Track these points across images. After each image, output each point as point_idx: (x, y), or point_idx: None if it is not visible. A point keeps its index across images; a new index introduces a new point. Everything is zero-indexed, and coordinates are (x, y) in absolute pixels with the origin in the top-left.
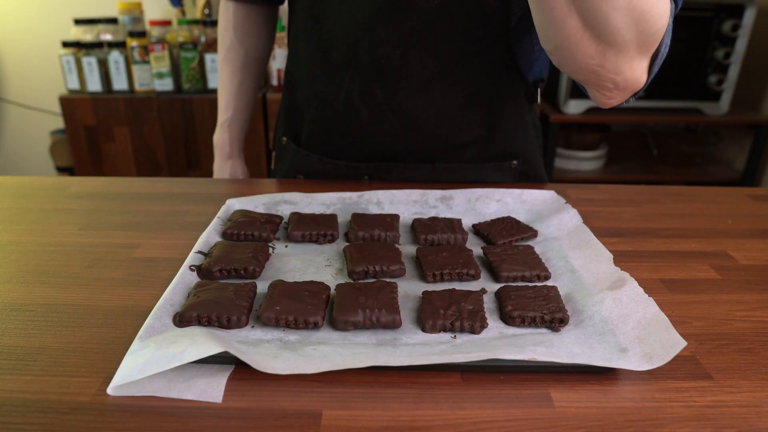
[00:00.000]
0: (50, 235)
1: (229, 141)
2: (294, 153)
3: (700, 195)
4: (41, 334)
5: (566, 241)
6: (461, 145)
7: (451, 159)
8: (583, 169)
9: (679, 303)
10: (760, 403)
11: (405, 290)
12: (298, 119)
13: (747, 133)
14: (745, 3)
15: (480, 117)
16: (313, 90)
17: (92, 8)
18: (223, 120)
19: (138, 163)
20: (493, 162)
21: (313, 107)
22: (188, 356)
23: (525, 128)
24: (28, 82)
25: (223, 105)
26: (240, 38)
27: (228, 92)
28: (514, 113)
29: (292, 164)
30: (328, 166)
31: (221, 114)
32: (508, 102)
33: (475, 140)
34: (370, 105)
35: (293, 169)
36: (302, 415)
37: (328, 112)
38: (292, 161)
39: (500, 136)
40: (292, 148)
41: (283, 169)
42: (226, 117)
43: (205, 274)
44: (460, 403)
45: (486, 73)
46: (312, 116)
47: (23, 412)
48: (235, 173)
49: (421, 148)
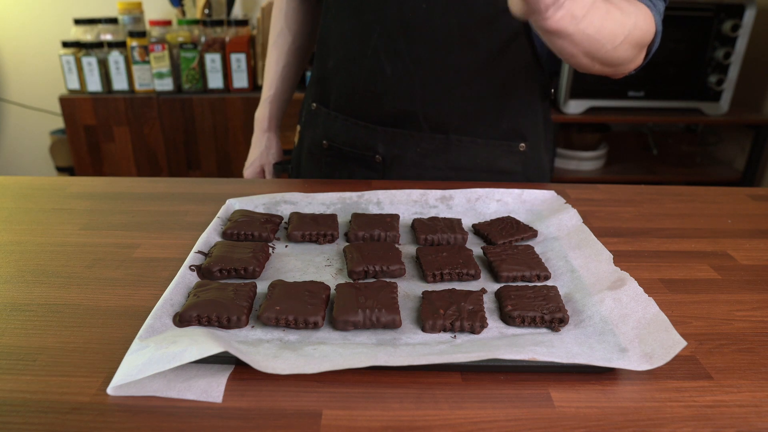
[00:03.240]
0: (50, 235)
1: (269, 116)
2: (324, 117)
3: (700, 195)
4: (41, 334)
5: (566, 241)
6: (474, 116)
7: (463, 132)
8: (583, 169)
9: (679, 303)
10: (760, 403)
11: (405, 290)
12: (328, 85)
13: (747, 133)
14: (745, 3)
15: (494, 87)
16: (344, 52)
17: (92, 8)
18: (265, 97)
19: (138, 163)
20: (502, 140)
21: (343, 69)
22: (188, 356)
23: (535, 115)
24: (28, 82)
25: (268, 83)
26: (289, 25)
27: (274, 72)
28: (526, 94)
29: (320, 130)
30: (351, 128)
31: (265, 91)
32: (522, 81)
33: (486, 113)
34: (394, 60)
35: (319, 136)
36: (302, 415)
37: (356, 70)
38: (320, 126)
39: (511, 113)
40: (323, 112)
41: (310, 137)
42: (268, 94)
43: (205, 274)
44: (460, 403)
45: (503, 42)
46: (341, 79)
47: (23, 412)
48: (270, 145)
49: (437, 112)
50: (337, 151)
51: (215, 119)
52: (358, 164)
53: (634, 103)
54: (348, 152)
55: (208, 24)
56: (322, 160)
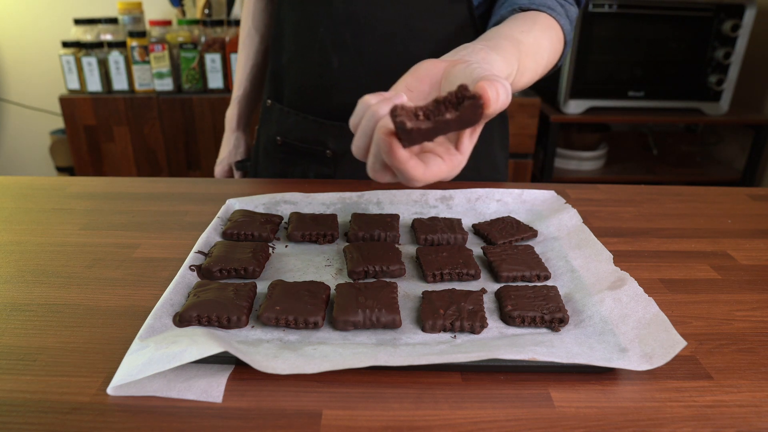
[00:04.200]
0: (50, 235)
1: (237, 116)
2: (278, 113)
3: (700, 195)
4: (41, 334)
5: (566, 241)
6: None
7: None
8: (583, 169)
9: (679, 303)
10: (760, 403)
11: (405, 290)
12: (282, 81)
13: (747, 133)
14: (745, 3)
15: None
16: (295, 47)
17: (92, 8)
18: (234, 97)
19: (138, 163)
20: None
21: (294, 64)
22: (188, 356)
23: None
24: (28, 82)
25: (237, 84)
26: (257, 26)
27: (242, 73)
28: None
29: (274, 126)
30: (302, 123)
31: (234, 91)
32: None
33: None
34: (340, 52)
35: (274, 132)
36: (302, 415)
37: (305, 64)
38: (274, 122)
39: None
40: (277, 108)
41: (265, 133)
42: (237, 94)
43: (205, 274)
44: (460, 403)
45: (450, 33)
46: (293, 74)
47: (23, 412)
48: (238, 144)
49: None
50: (291, 147)
51: (215, 119)
52: (311, 160)
53: (634, 103)
54: (301, 148)
55: (208, 24)
56: (277, 157)
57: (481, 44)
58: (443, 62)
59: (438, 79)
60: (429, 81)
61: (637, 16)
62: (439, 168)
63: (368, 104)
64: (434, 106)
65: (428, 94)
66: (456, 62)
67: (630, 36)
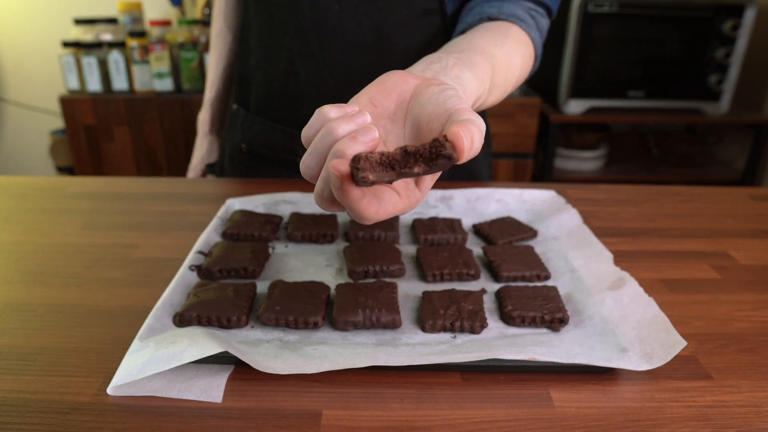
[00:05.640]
0: (50, 235)
1: (210, 119)
2: (243, 119)
3: (700, 195)
4: (41, 334)
5: (566, 241)
6: None
7: None
8: (583, 169)
9: (679, 303)
10: (760, 403)
11: (405, 290)
12: (249, 85)
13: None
14: (745, 3)
15: None
16: (262, 51)
17: (92, 8)
18: (206, 99)
19: (138, 163)
20: None
21: (260, 68)
22: (188, 356)
23: None
24: (28, 82)
25: (209, 85)
26: (229, 24)
27: (214, 74)
28: None
29: (239, 133)
30: (268, 132)
31: (206, 93)
32: None
33: None
34: (307, 62)
35: (239, 139)
36: (302, 415)
37: (272, 70)
38: (239, 129)
39: None
40: (242, 114)
41: (231, 140)
42: (209, 96)
43: (205, 274)
44: (460, 403)
45: (421, 46)
46: (259, 78)
47: (23, 412)
48: (211, 149)
49: None
50: (257, 156)
51: None
52: (280, 167)
53: (634, 103)
54: (268, 156)
55: (208, 24)
56: (242, 164)
57: (453, 58)
58: (414, 78)
59: (406, 98)
60: (396, 98)
61: (637, 16)
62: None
63: (326, 118)
64: (402, 157)
65: (393, 113)
66: (429, 82)
67: (630, 36)
